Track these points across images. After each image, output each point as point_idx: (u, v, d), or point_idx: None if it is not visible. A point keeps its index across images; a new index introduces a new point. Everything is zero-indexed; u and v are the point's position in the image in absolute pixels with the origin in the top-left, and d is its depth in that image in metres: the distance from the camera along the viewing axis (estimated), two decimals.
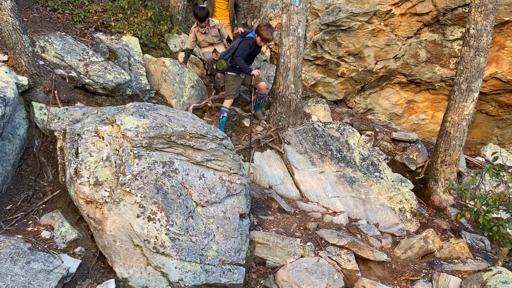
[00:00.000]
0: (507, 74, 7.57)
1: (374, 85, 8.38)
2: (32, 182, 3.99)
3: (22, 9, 5.51)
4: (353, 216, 4.93)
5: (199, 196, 3.56)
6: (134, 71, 5.78)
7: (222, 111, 5.57)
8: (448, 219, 5.33)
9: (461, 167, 6.08)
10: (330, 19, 7.63)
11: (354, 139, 5.61)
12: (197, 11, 5.72)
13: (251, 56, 5.55)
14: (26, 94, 4.27)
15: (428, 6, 7.30)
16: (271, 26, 5.25)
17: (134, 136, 3.30)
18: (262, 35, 5.18)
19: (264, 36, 5.19)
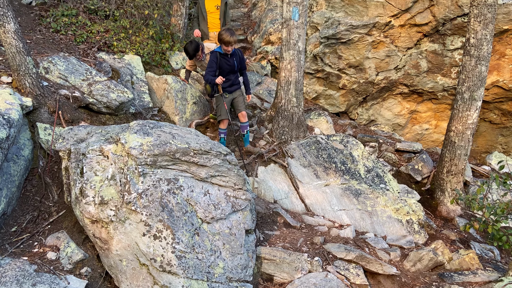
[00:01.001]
0: (508, 82, 7.57)
1: (376, 96, 8.39)
2: (37, 202, 3.98)
3: (25, 31, 5.59)
4: (360, 229, 4.88)
5: (205, 213, 3.54)
6: (137, 89, 5.82)
7: (219, 132, 5.51)
8: (457, 229, 5.27)
9: (467, 176, 6.04)
10: (330, 32, 7.69)
11: (358, 151, 5.59)
12: (187, 47, 5.75)
13: (227, 71, 5.29)
14: (31, 115, 4.30)
15: (427, 17, 7.35)
16: (230, 29, 5.16)
17: (139, 154, 3.30)
18: (223, 39, 4.99)
19: (225, 39, 4.98)
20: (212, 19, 6.67)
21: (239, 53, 5.37)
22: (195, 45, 5.74)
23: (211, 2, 6.59)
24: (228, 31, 5.00)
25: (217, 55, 5.14)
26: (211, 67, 5.13)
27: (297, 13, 5.82)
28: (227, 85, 5.37)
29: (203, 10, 6.58)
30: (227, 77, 5.30)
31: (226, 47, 5.05)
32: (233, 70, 5.33)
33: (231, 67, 5.28)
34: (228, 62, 5.23)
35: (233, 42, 5.03)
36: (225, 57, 5.19)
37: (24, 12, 6.09)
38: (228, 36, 4.97)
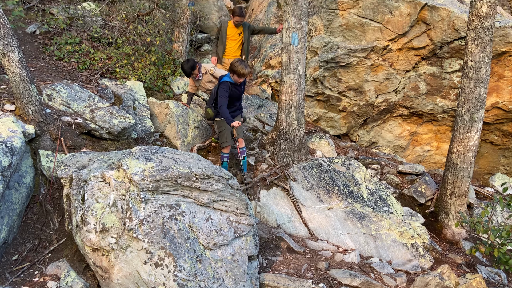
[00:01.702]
0: (508, 103, 7.61)
1: (376, 118, 8.43)
2: (38, 230, 3.95)
3: (29, 59, 5.67)
4: (364, 253, 4.81)
5: (207, 239, 3.49)
6: (139, 115, 5.86)
7: (222, 157, 5.51)
8: (462, 253, 5.18)
9: (471, 198, 5.99)
10: (329, 56, 7.80)
11: (361, 174, 5.57)
12: (183, 64, 5.78)
13: (234, 98, 5.37)
14: (33, 142, 4.32)
15: (424, 40, 7.46)
16: (242, 60, 5.13)
17: (141, 180, 3.29)
18: (237, 71, 5.02)
19: (240, 71, 5.02)
20: (230, 45, 6.66)
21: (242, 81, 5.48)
22: (192, 63, 5.76)
23: (234, 30, 6.56)
24: (242, 63, 5.03)
25: (229, 85, 5.17)
26: (225, 96, 5.13)
27: (296, 39, 5.92)
28: (232, 110, 5.41)
29: (224, 34, 6.57)
30: (235, 103, 5.43)
31: (238, 78, 5.10)
32: (239, 97, 5.47)
33: (239, 94, 5.43)
34: (238, 90, 5.33)
35: (247, 74, 5.12)
36: (235, 86, 5.25)
37: (28, 40, 6.21)
38: (244, 69, 5.02)
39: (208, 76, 5.97)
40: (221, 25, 6.63)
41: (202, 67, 5.94)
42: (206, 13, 11.13)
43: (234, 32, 6.56)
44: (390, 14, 7.41)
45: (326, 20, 7.83)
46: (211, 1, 11.28)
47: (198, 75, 5.91)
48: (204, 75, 5.95)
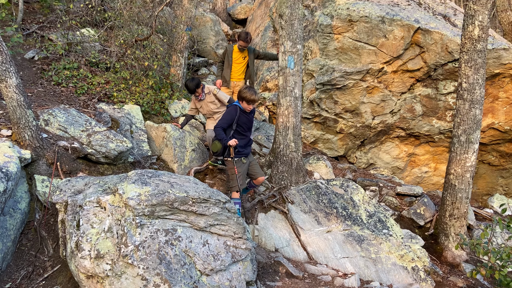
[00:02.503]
0: (504, 124, 7.66)
1: (373, 139, 8.45)
2: (33, 257, 3.88)
3: (27, 85, 5.71)
4: (364, 277, 4.73)
5: (204, 264, 3.44)
6: (136, 138, 5.86)
7: (234, 202, 4.80)
8: (463, 275, 5.11)
9: (470, 220, 5.95)
10: (325, 78, 7.88)
11: (359, 195, 5.54)
12: (187, 83, 5.74)
13: (244, 126, 4.91)
14: (29, 167, 4.29)
15: (418, 63, 7.57)
16: (251, 87, 4.83)
17: (136, 205, 3.26)
18: (246, 97, 4.72)
19: (249, 98, 4.72)
20: (236, 68, 6.72)
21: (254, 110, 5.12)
22: (197, 81, 5.75)
23: (239, 54, 6.63)
24: (251, 90, 4.74)
25: (238, 108, 4.81)
26: (226, 119, 4.77)
27: (292, 62, 5.99)
28: (243, 143, 4.92)
29: (230, 58, 6.63)
30: (244, 133, 4.93)
31: (248, 105, 4.77)
32: (250, 126, 5.02)
33: (249, 123, 4.96)
34: (247, 118, 4.91)
35: (257, 100, 4.86)
36: (245, 113, 4.87)
37: (26, 66, 6.26)
38: (253, 95, 4.71)
39: (211, 97, 5.93)
40: (226, 49, 6.69)
41: (205, 87, 5.92)
42: (203, 38, 11.30)
43: (239, 56, 6.65)
44: (384, 38, 7.54)
45: (322, 44, 7.95)
46: (208, 26, 11.48)
47: (201, 94, 5.86)
48: (207, 95, 5.91)
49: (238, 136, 4.85)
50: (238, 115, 4.81)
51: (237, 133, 4.86)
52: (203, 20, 11.48)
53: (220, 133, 4.72)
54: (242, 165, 4.90)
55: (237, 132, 4.86)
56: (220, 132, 4.73)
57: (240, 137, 4.86)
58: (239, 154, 4.89)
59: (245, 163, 4.94)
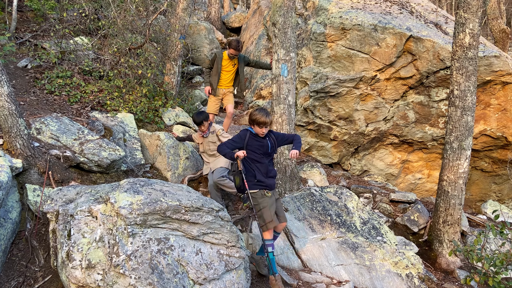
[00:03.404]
0: (496, 130, 7.72)
1: (367, 146, 8.48)
2: (23, 267, 3.83)
3: (20, 93, 5.68)
4: (359, 285, 4.71)
5: (196, 273, 3.41)
6: (129, 147, 5.84)
7: (267, 245, 4.13)
8: (458, 282, 5.11)
9: (464, 226, 5.96)
10: (319, 86, 7.92)
11: (353, 203, 5.54)
12: (194, 115, 5.45)
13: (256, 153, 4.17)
14: (20, 176, 4.26)
15: (411, 70, 7.63)
16: (263, 108, 4.23)
17: (128, 214, 3.23)
18: (256, 119, 4.08)
19: (259, 119, 4.07)
20: (225, 76, 6.56)
21: (272, 135, 4.34)
22: (205, 115, 5.41)
23: (228, 61, 6.48)
24: (262, 111, 4.12)
25: (248, 133, 4.20)
26: (234, 141, 4.17)
27: (286, 70, 6.02)
28: (262, 172, 4.18)
29: (219, 65, 6.46)
30: (259, 160, 4.20)
31: (259, 128, 4.11)
32: (266, 151, 4.20)
33: (264, 147, 4.19)
34: (260, 142, 4.19)
35: (269, 123, 4.11)
36: (257, 138, 4.20)
37: (19, 74, 6.24)
38: (263, 117, 4.06)
39: (213, 137, 5.53)
40: (215, 56, 6.52)
41: (211, 126, 5.59)
42: (197, 46, 11.34)
43: (228, 63, 6.49)
44: (377, 46, 7.60)
45: (315, 52, 8.01)
46: (203, 34, 11.52)
47: (206, 131, 5.52)
48: (210, 135, 5.55)
49: (252, 164, 4.18)
50: (248, 140, 4.18)
51: (251, 161, 4.19)
52: (197, 29, 11.53)
53: (223, 149, 4.09)
54: (266, 198, 4.14)
55: (250, 160, 4.19)
56: (222, 148, 4.10)
57: (255, 165, 4.18)
58: (258, 186, 4.16)
59: (269, 196, 4.16)
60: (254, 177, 4.16)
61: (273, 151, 4.29)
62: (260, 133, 4.13)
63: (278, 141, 4.33)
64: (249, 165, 4.19)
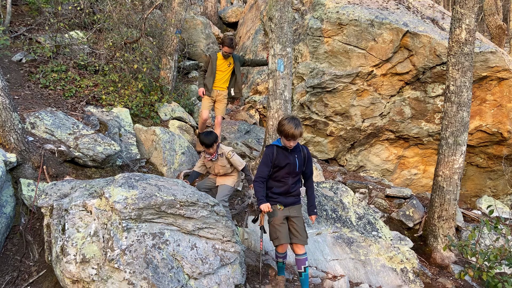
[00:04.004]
0: (491, 126, 7.75)
1: (363, 142, 8.49)
2: (18, 262, 3.82)
3: (14, 87, 5.64)
4: (354, 279, 4.73)
5: (191, 268, 3.41)
6: (124, 141, 5.81)
7: (276, 256, 4.03)
8: (452, 277, 5.14)
9: (459, 221, 5.99)
10: (315, 81, 7.91)
11: (349, 198, 5.55)
12: (202, 137, 4.79)
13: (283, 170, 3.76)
14: (14, 171, 4.23)
15: (407, 66, 7.63)
16: (293, 117, 3.64)
17: (123, 208, 3.22)
18: (284, 131, 3.59)
19: (288, 131, 3.57)
20: (220, 76, 6.32)
21: (304, 150, 3.88)
22: (215, 137, 4.81)
23: (223, 61, 6.27)
24: (292, 121, 3.58)
25: (274, 149, 3.74)
26: (265, 165, 3.72)
27: (282, 65, 6.00)
28: (281, 191, 3.80)
29: (214, 65, 6.23)
30: (283, 180, 3.79)
31: (287, 141, 3.63)
32: (293, 171, 3.77)
33: (291, 166, 3.75)
34: (288, 158, 3.73)
35: (298, 135, 3.59)
36: (284, 151, 3.74)
37: (13, 69, 6.19)
38: (292, 128, 3.54)
39: (223, 160, 4.96)
40: (210, 57, 6.31)
41: (220, 148, 4.98)
42: (194, 41, 11.28)
43: (223, 63, 6.30)
44: (373, 41, 7.59)
45: (312, 47, 7.99)
46: (199, 29, 11.47)
47: (214, 154, 4.89)
48: (220, 158, 4.95)
49: (273, 181, 3.83)
50: (275, 156, 3.73)
51: (273, 178, 3.81)
52: (193, 23, 11.47)
53: (258, 188, 3.70)
54: (275, 212, 3.80)
55: (273, 179, 3.81)
56: (257, 187, 3.71)
57: (276, 183, 3.83)
58: (273, 201, 3.82)
59: (281, 209, 3.81)
60: (273, 193, 3.82)
61: (301, 170, 3.82)
62: (289, 146, 3.67)
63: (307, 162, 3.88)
64: (269, 183, 3.83)
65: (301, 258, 3.83)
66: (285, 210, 3.82)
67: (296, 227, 3.82)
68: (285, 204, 3.82)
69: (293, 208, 3.86)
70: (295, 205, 3.88)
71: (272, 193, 3.82)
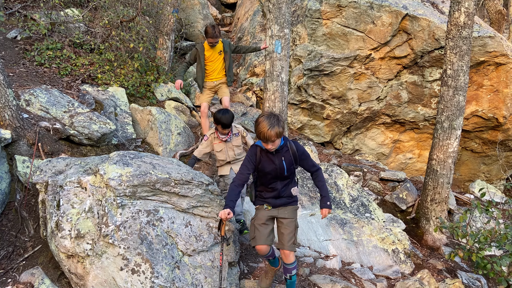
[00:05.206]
0: (487, 111, 7.76)
1: (359, 126, 8.50)
2: (13, 237, 3.85)
3: (9, 65, 5.59)
4: (346, 259, 4.80)
5: (186, 245, 3.45)
6: (120, 121, 5.80)
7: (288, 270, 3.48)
8: (443, 259, 5.22)
9: (451, 205, 6.06)
10: (313, 64, 7.87)
11: (343, 180, 5.59)
12: (219, 116, 4.28)
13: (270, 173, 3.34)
14: (9, 147, 4.23)
15: (405, 49, 7.59)
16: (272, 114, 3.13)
17: (118, 185, 3.24)
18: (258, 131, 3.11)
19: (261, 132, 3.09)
20: (213, 66, 5.74)
21: (293, 146, 3.39)
22: (232, 115, 4.38)
23: (212, 50, 5.64)
24: (267, 119, 3.07)
25: (257, 150, 3.33)
26: (245, 166, 3.33)
27: (279, 46, 5.96)
28: (271, 195, 3.44)
29: (202, 59, 5.63)
30: (270, 186, 3.41)
31: (265, 144, 3.17)
32: (281, 175, 3.35)
33: (278, 170, 3.33)
34: (273, 162, 3.31)
35: (274, 137, 3.07)
36: (268, 154, 3.31)
37: (8, 46, 6.12)
38: (265, 128, 3.04)
39: (238, 140, 4.62)
40: (197, 50, 5.67)
41: (234, 127, 4.61)
42: (191, 21, 11.15)
43: (212, 53, 5.67)
44: (372, 24, 7.53)
45: (310, 29, 7.92)
46: (197, 10, 11.32)
47: (229, 134, 4.51)
48: (234, 137, 4.59)
49: (261, 186, 3.50)
50: (259, 158, 3.33)
51: (261, 183, 3.49)
52: (191, 3, 11.32)
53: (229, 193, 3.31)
54: (261, 211, 3.47)
55: (260, 182, 3.48)
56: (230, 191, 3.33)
57: (265, 188, 3.47)
58: (263, 201, 3.50)
59: (268, 209, 3.46)
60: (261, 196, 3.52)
61: (290, 174, 3.38)
62: (268, 148, 3.20)
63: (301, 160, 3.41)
64: (258, 186, 3.53)
65: (289, 268, 3.42)
66: (273, 211, 3.45)
67: (283, 230, 3.40)
68: (274, 205, 3.45)
69: (283, 209, 3.46)
70: (287, 206, 3.47)
71: (264, 194, 3.50)
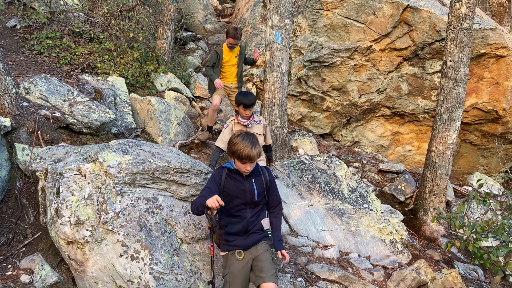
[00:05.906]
0: (487, 104, 7.76)
1: (359, 118, 8.50)
2: (13, 224, 3.88)
3: (8, 53, 5.58)
4: (344, 249, 4.84)
5: (185, 233, 3.48)
6: (120, 110, 5.81)
7: None
8: (440, 249, 5.26)
9: (449, 196, 6.09)
10: (313, 55, 7.84)
11: (342, 171, 5.61)
12: (241, 97, 4.16)
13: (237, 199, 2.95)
14: (9, 135, 4.24)
15: (406, 41, 7.56)
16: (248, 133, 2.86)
17: (117, 173, 3.26)
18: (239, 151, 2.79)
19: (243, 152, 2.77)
20: (230, 70, 5.85)
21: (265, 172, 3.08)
22: (255, 97, 4.23)
23: (230, 53, 5.76)
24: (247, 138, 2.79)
25: (223, 171, 2.98)
26: (209, 187, 2.92)
27: (280, 37, 5.94)
28: (238, 229, 2.96)
29: (220, 62, 5.73)
30: (237, 213, 2.96)
31: (243, 165, 2.85)
32: (251, 200, 2.95)
33: (247, 194, 2.94)
34: (242, 184, 2.95)
35: (256, 156, 2.81)
36: (237, 176, 2.96)
37: (8, 34, 6.10)
38: (248, 147, 2.76)
39: (260, 128, 4.43)
40: (217, 53, 5.71)
41: (256, 115, 4.47)
42: (191, 12, 11.10)
43: (230, 55, 5.75)
44: (373, 15, 7.50)
45: (311, 20, 7.88)
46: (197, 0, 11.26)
47: (251, 118, 4.32)
48: (256, 125, 4.41)
49: (227, 218, 3.00)
50: (224, 181, 2.94)
51: (226, 212, 2.98)
52: None
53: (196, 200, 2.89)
54: (234, 263, 2.94)
55: (226, 210, 2.95)
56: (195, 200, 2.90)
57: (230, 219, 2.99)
58: (230, 246, 2.99)
59: (241, 259, 2.94)
60: (227, 234, 2.97)
61: (261, 199, 2.99)
62: (243, 171, 2.87)
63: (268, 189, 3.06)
64: (223, 217, 3.00)
65: None
66: (247, 255, 2.95)
67: (260, 263, 2.92)
68: (245, 247, 2.95)
69: (255, 248, 2.98)
70: (260, 243, 2.99)
71: (227, 235, 2.96)
